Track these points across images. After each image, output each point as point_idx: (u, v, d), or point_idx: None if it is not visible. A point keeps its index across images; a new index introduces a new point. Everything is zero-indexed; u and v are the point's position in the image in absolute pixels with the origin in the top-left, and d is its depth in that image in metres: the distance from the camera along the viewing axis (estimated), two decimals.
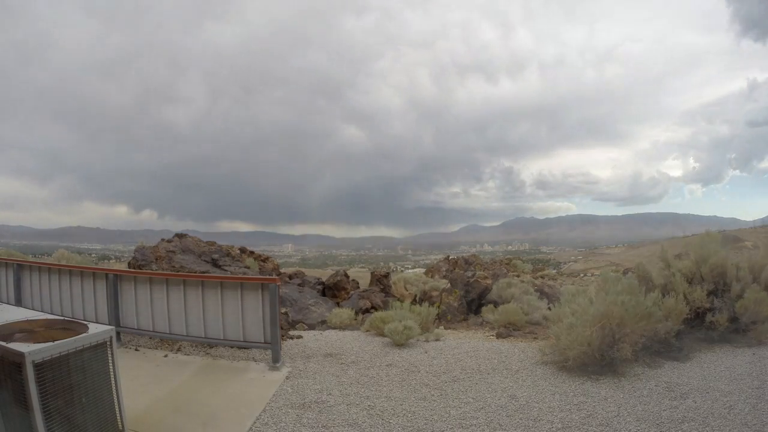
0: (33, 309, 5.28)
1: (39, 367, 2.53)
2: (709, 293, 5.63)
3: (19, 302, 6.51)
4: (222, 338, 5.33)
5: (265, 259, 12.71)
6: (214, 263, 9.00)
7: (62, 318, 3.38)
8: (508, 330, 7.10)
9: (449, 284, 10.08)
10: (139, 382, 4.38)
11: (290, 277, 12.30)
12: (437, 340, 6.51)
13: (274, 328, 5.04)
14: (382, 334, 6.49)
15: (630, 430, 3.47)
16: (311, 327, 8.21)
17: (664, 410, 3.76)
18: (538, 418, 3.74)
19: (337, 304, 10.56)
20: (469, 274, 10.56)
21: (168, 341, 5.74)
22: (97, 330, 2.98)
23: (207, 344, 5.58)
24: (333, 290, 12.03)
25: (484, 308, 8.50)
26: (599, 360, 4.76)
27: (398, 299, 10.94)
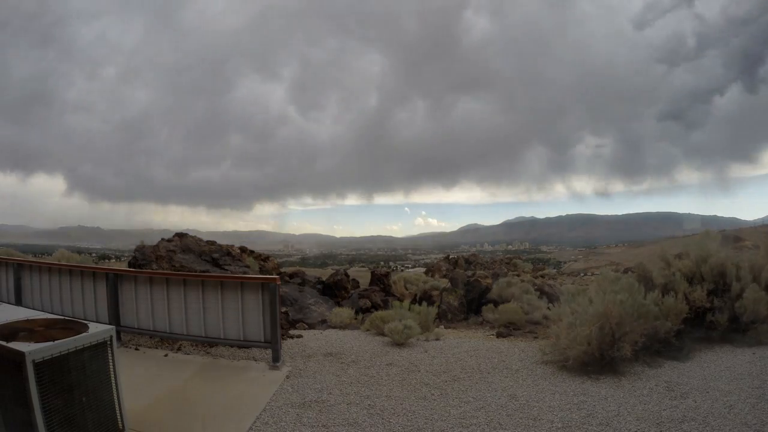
0: (33, 308, 5.27)
1: (39, 366, 2.53)
2: (709, 293, 5.62)
3: (19, 302, 6.51)
4: (222, 337, 5.33)
5: (266, 259, 12.72)
6: (215, 262, 9.00)
7: (62, 317, 3.38)
8: (508, 329, 7.10)
9: (449, 283, 10.09)
10: (140, 381, 4.38)
11: (290, 276, 12.31)
12: (437, 339, 6.51)
13: (274, 327, 5.04)
14: (382, 334, 6.49)
15: (630, 429, 3.47)
16: (311, 326, 8.21)
17: (664, 410, 3.76)
18: (538, 418, 3.75)
19: (338, 303, 10.57)
20: (470, 273, 10.57)
21: (168, 340, 5.75)
22: (97, 329, 2.98)
23: (207, 343, 5.59)
24: (333, 289, 12.04)
25: (484, 307, 8.51)
26: (599, 359, 4.76)
27: (398, 298, 10.96)
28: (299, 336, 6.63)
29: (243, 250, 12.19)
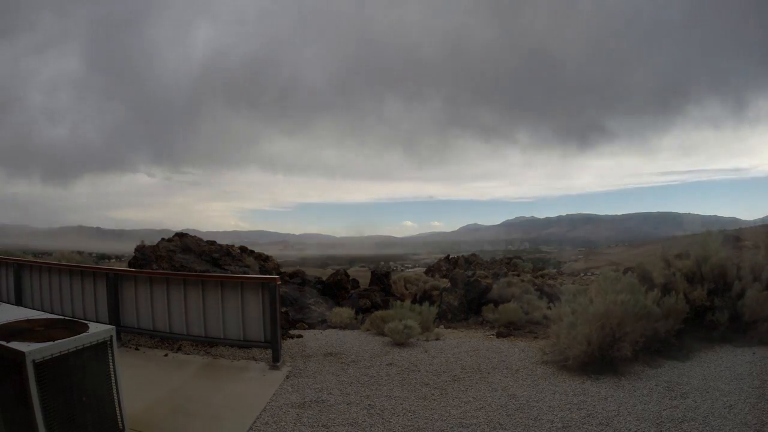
0: (33, 308, 5.27)
1: (39, 366, 2.53)
2: (710, 292, 5.62)
3: (19, 302, 6.51)
4: (222, 337, 5.33)
5: (266, 259, 12.71)
6: (215, 262, 9.01)
7: (62, 317, 3.39)
8: (508, 329, 7.10)
9: (449, 283, 10.08)
10: (140, 381, 4.38)
11: (290, 276, 12.30)
12: (437, 339, 6.51)
13: (274, 327, 5.04)
14: (382, 333, 6.49)
15: (630, 429, 3.47)
16: (311, 326, 8.22)
17: (664, 409, 3.76)
18: (539, 418, 3.75)
19: (338, 303, 10.56)
20: (470, 273, 10.57)
21: (168, 340, 5.75)
22: (97, 329, 2.99)
23: (207, 343, 5.59)
24: (333, 289, 12.04)
25: (484, 307, 8.49)
26: (599, 359, 4.76)
27: (398, 298, 10.95)
28: (299, 336, 6.63)
29: (243, 250, 12.19)
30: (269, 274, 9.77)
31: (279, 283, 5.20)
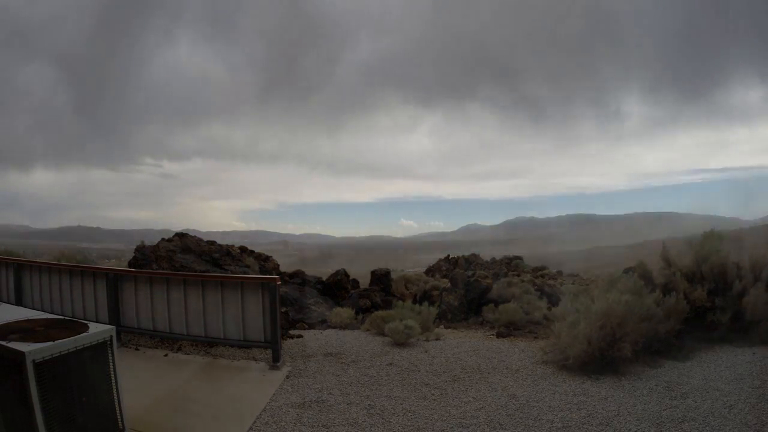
0: (33, 308, 5.27)
1: (39, 366, 2.53)
2: (710, 292, 5.62)
3: (19, 302, 6.51)
4: (222, 337, 5.33)
5: (266, 259, 12.70)
6: (215, 262, 9.01)
7: (62, 317, 3.38)
8: (508, 329, 7.10)
9: (449, 283, 10.08)
10: (140, 381, 4.38)
11: (290, 276, 12.29)
12: (437, 339, 6.51)
13: (274, 327, 5.04)
14: (382, 334, 6.49)
15: (630, 429, 3.47)
16: (311, 326, 8.21)
17: (664, 410, 3.76)
18: (539, 418, 3.75)
19: (338, 303, 10.56)
20: (470, 273, 10.57)
21: (168, 340, 5.75)
22: (97, 329, 2.99)
23: (207, 343, 5.59)
24: (333, 289, 12.03)
25: (484, 307, 8.49)
26: (599, 359, 4.76)
27: (399, 298, 10.94)
28: (299, 336, 6.63)
29: (243, 250, 12.17)
30: (269, 274, 9.77)
31: (279, 283, 5.20)
